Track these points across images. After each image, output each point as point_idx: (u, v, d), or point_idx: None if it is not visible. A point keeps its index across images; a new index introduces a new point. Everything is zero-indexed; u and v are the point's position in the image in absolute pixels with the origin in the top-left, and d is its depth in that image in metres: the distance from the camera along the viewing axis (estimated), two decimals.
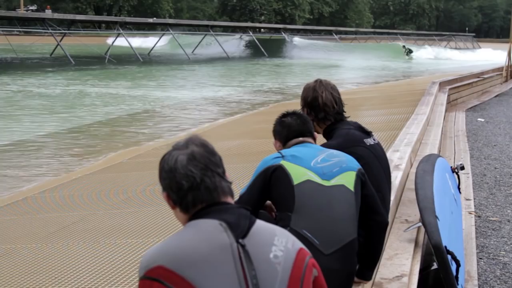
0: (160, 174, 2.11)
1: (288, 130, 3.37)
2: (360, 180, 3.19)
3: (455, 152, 10.26)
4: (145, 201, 6.77)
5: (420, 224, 4.69)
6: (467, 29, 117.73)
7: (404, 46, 63.28)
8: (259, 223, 2.07)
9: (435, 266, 4.63)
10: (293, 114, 3.43)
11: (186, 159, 2.05)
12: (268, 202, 3.30)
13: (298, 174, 3.07)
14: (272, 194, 3.13)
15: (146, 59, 46.98)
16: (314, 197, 3.05)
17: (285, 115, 3.45)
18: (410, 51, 61.95)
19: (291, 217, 3.02)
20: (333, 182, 3.11)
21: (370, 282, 3.60)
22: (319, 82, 3.97)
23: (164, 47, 62.38)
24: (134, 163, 9.97)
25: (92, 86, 25.52)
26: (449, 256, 4.35)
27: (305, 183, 3.06)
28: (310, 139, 3.36)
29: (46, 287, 4.33)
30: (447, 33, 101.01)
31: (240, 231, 1.99)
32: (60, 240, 5.49)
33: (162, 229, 5.48)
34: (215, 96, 22.44)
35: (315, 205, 3.05)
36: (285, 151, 3.20)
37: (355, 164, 3.24)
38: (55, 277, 4.49)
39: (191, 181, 2.04)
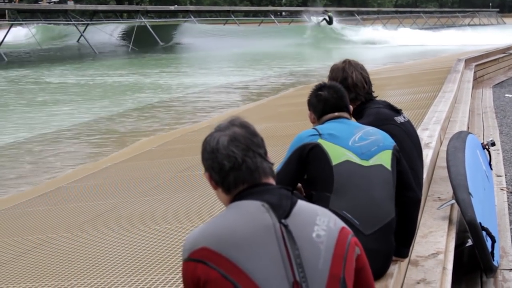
0: (202, 155, 2.14)
1: (324, 105, 3.30)
2: (396, 158, 3.20)
3: (483, 129, 10.20)
4: (176, 188, 6.82)
5: (453, 201, 4.68)
6: (490, 4, 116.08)
7: (326, 17, 51.19)
8: (301, 203, 2.08)
9: (469, 243, 4.63)
10: (330, 87, 3.35)
11: (227, 140, 2.08)
12: (298, 185, 3.30)
13: (336, 154, 3.07)
14: (309, 173, 3.13)
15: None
16: (353, 178, 3.06)
17: (321, 88, 3.36)
18: (330, 21, 50.38)
19: (330, 197, 3.03)
20: (371, 162, 3.11)
21: (406, 260, 3.61)
22: (348, 62, 3.96)
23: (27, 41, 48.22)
24: (163, 150, 10.03)
25: (117, 75, 25.64)
26: (483, 233, 4.35)
27: (344, 163, 3.06)
28: (346, 114, 3.31)
29: (83, 274, 4.39)
30: (470, 9, 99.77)
31: (282, 211, 2.01)
32: (94, 228, 5.55)
33: (195, 214, 5.52)
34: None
35: (355, 186, 3.05)
36: (321, 128, 3.18)
37: (390, 141, 3.24)
38: (92, 264, 4.55)
39: (232, 162, 2.06)
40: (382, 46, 43.68)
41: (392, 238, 3.17)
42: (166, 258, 4.46)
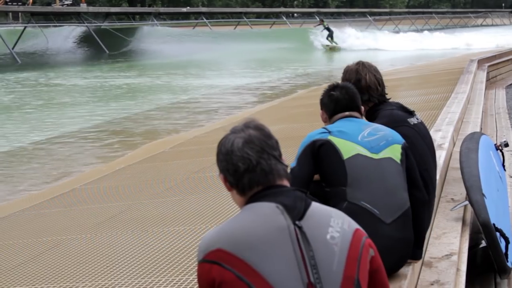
0: (217, 156, 2.16)
1: (335, 105, 3.38)
2: (405, 153, 3.27)
3: (497, 130, 10.16)
4: (189, 189, 6.83)
5: (467, 202, 4.67)
6: (503, 4, 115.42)
7: (323, 24, 44.56)
8: (315, 205, 2.10)
9: (483, 244, 4.61)
10: (342, 88, 3.42)
11: (242, 142, 2.09)
12: None
13: (347, 148, 3.15)
14: (322, 170, 3.20)
15: None
16: (366, 170, 3.14)
17: (334, 88, 3.44)
18: (329, 33, 43.32)
19: (346, 191, 3.11)
20: (381, 155, 3.20)
21: (420, 261, 3.61)
22: (361, 64, 3.97)
23: None
24: (176, 151, 10.05)
25: (126, 77, 25.72)
26: (497, 234, 4.34)
27: (355, 157, 3.14)
28: (356, 114, 3.39)
29: (97, 276, 4.41)
30: (483, 9, 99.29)
31: (296, 213, 2.02)
32: (108, 230, 5.58)
33: (209, 216, 5.53)
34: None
35: (369, 177, 3.13)
36: (330, 127, 3.26)
37: (399, 137, 3.33)
38: (106, 266, 4.57)
39: (247, 163, 2.08)
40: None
41: (411, 226, 3.23)
42: (180, 260, 4.47)
